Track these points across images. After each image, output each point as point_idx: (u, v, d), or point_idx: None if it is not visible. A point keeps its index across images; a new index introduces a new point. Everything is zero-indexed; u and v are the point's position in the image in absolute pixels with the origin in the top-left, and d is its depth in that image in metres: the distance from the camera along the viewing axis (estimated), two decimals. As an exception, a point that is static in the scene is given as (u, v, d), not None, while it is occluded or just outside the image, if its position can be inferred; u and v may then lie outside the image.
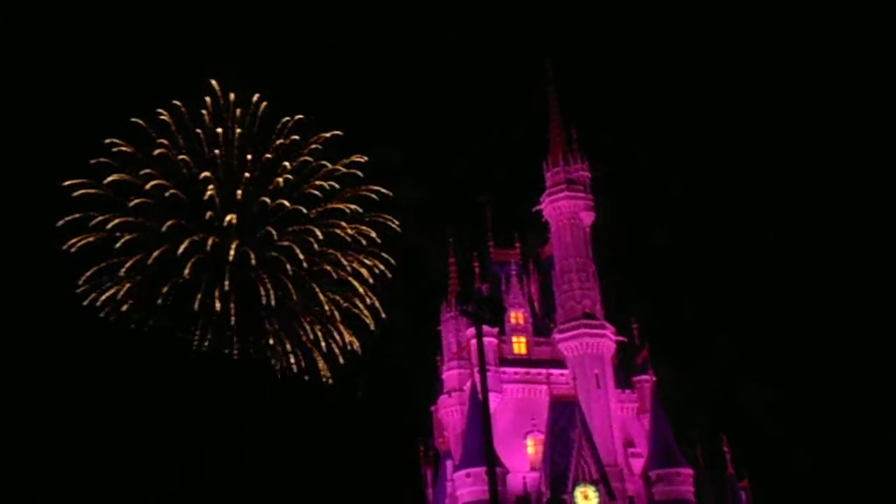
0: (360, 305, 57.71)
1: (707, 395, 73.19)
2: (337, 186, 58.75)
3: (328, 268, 57.90)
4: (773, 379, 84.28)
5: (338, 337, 56.51)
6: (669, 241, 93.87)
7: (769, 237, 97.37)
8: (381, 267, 58.28)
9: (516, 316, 60.56)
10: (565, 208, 61.97)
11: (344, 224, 58.07)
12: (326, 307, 56.36)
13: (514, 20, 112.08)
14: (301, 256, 55.83)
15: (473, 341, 54.51)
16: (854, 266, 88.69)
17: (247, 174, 56.75)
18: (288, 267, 55.73)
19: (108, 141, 55.52)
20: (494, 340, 57.39)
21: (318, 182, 58.90)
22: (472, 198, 67.33)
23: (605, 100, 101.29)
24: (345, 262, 57.66)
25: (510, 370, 58.46)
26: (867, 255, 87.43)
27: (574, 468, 52.01)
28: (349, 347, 56.18)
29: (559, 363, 58.78)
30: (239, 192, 55.83)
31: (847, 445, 73.96)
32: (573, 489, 51.48)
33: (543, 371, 57.95)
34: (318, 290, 56.62)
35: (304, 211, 56.75)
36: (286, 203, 56.77)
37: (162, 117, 56.53)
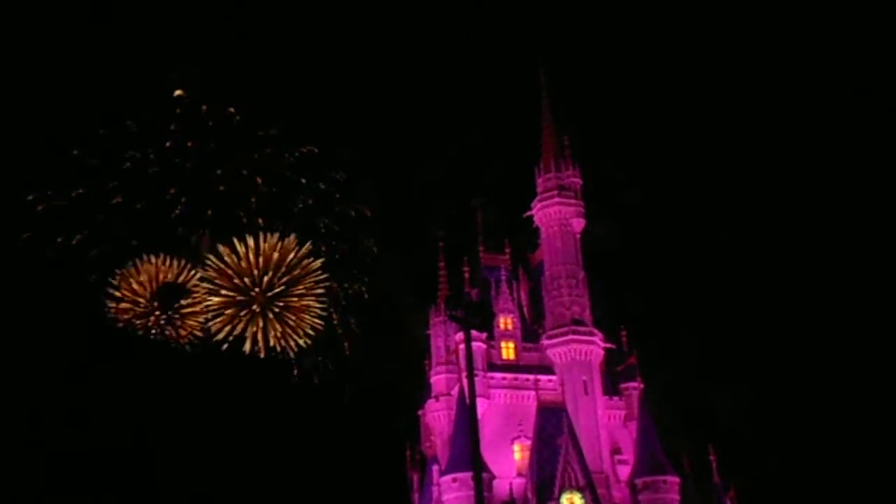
0: (336, 327, 56.87)
1: (694, 403, 73.27)
2: (310, 203, 57.86)
3: (302, 289, 56.77)
4: (761, 388, 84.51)
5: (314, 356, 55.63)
6: (659, 247, 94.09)
7: (765, 245, 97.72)
8: (358, 287, 57.43)
9: (505, 321, 60.54)
10: (556, 214, 62.04)
11: (321, 243, 57.16)
12: (299, 330, 55.54)
13: (508, 26, 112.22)
14: (275, 277, 54.97)
15: (462, 346, 54.46)
16: (852, 272, 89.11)
17: (221, 188, 55.85)
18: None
19: (74, 153, 54.28)
20: (483, 345, 57.31)
21: (294, 198, 57.83)
22: (464, 202, 67.27)
23: (599, 107, 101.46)
24: (319, 284, 56.63)
25: (498, 375, 58.43)
26: (869, 261, 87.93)
27: (560, 474, 52.00)
28: (322, 367, 55.44)
29: (547, 369, 58.80)
30: (209, 209, 54.79)
31: (835, 455, 74.18)
32: (559, 495, 51.46)
33: (531, 377, 57.94)
34: (292, 313, 55.62)
35: (280, 229, 55.88)
36: (260, 220, 55.75)
37: (131, 130, 55.32)
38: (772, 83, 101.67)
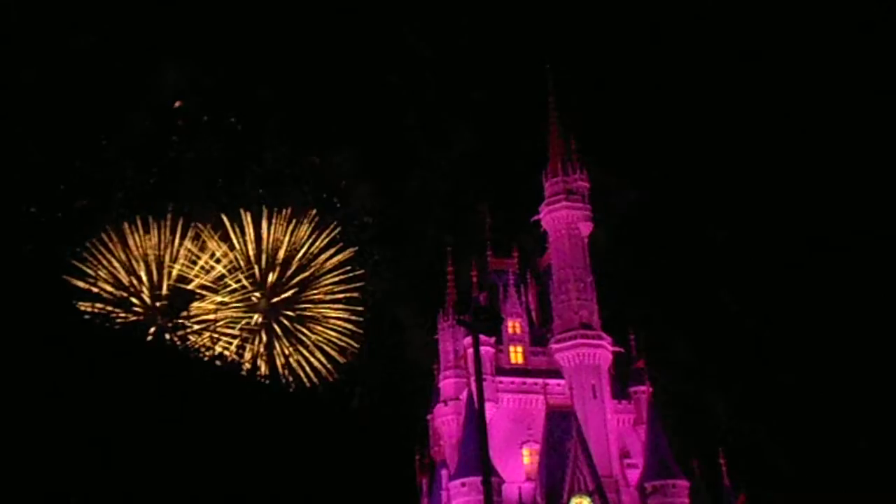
0: (341, 340, 56.50)
1: (703, 407, 73.06)
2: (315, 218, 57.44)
3: (319, 294, 56.25)
4: (769, 391, 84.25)
5: (317, 364, 55.41)
6: (666, 250, 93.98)
7: (772, 246, 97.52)
8: (361, 309, 57.05)
9: (513, 325, 60.48)
10: (563, 218, 61.95)
11: (324, 259, 56.62)
12: (308, 343, 55.20)
13: (516, 29, 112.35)
14: (283, 276, 54.51)
15: (470, 350, 54.37)
16: (862, 276, 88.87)
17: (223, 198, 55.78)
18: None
19: (77, 164, 54.25)
20: (491, 350, 57.26)
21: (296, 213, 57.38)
22: (471, 207, 67.22)
23: (607, 110, 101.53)
24: (324, 300, 56.05)
25: (507, 379, 58.36)
26: (873, 260, 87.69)
27: (570, 479, 51.87)
28: (326, 377, 55.17)
29: (556, 373, 58.69)
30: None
31: (843, 458, 73.91)
32: (569, 500, 51.35)
33: (540, 381, 57.85)
34: (300, 328, 55.25)
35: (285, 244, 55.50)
36: (263, 233, 55.17)
37: (133, 141, 55.16)
38: (772, 85, 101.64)
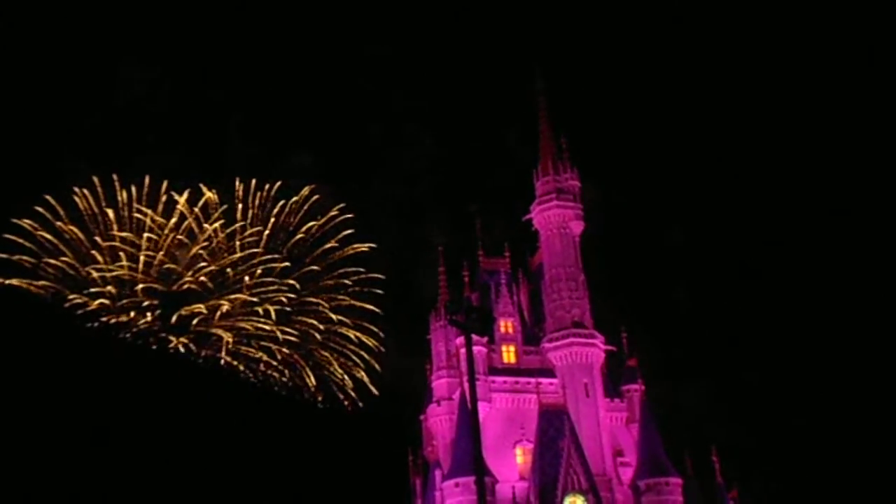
0: (343, 374, 56.23)
1: (696, 404, 73.25)
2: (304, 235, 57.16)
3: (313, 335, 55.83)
4: (763, 389, 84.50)
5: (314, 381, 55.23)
6: (662, 248, 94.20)
7: (768, 243, 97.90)
8: (365, 338, 56.88)
9: (506, 325, 60.54)
10: (555, 217, 62.00)
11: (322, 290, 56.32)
12: (310, 378, 55.00)
13: (506, 28, 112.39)
14: (274, 330, 54.32)
15: (463, 350, 54.47)
16: (856, 272, 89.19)
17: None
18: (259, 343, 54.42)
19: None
20: (484, 349, 57.33)
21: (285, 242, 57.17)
22: (463, 207, 67.35)
23: (596, 109, 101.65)
24: (320, 335, 55.68)
25: (499, 379, 58.41)
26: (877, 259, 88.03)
27: (563, 477, 51.93)
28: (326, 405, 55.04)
29: (548, 372, 58.75)
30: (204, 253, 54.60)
31: (839, 456, 74.14)
32: (562, 499, 51.40)
33: (533, 380, 57.90)
34: (300, 362, 54.97)
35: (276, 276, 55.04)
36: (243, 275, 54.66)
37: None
38: (768, 82, 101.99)
